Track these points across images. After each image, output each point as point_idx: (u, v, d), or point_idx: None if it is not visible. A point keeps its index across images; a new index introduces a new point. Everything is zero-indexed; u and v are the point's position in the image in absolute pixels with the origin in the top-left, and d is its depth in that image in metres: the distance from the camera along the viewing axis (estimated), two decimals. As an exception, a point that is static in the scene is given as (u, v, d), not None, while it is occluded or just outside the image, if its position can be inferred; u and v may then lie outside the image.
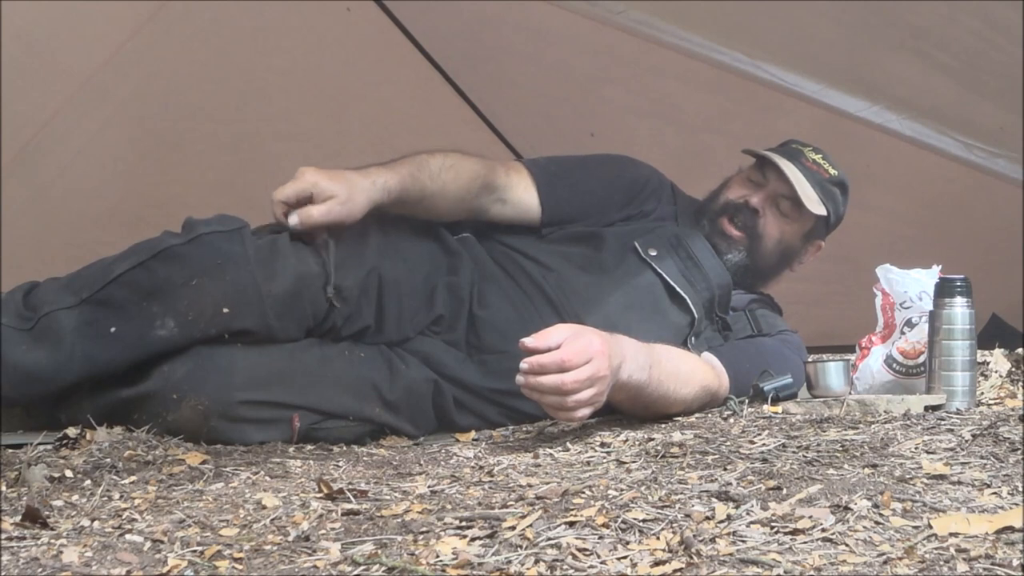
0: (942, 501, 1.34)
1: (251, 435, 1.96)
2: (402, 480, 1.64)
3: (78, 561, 1.25)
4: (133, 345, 1.93)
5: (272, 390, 1.98)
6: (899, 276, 2.24)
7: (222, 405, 1.93)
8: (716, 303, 2.35)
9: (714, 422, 1.96)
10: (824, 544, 1.22)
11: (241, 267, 1.97)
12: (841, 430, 1.80)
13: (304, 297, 2.02)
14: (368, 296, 2.10)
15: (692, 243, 2.37)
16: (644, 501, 1.40)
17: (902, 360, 2.18)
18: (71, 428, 1.86)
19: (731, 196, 2.47)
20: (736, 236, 2.43)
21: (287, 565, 1.24)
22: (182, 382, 1.93)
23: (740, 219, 2.43)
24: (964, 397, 2.03)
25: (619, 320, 2.18)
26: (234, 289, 1.96)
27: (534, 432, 2.03)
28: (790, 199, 2.43)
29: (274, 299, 1.99)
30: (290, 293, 2.01)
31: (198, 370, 1.94)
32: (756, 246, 2.44)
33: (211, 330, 1.95)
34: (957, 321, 2.05)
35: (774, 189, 2.44)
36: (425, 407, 2.12)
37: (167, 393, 1.93)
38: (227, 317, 1.95)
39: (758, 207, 2.43)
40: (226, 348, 1.98)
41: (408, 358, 2.13)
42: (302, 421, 1.98)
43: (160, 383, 1.94)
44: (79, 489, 1.57)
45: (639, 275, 2.31)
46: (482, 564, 1.20)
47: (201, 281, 1.95)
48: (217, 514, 1.45)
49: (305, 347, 2.05)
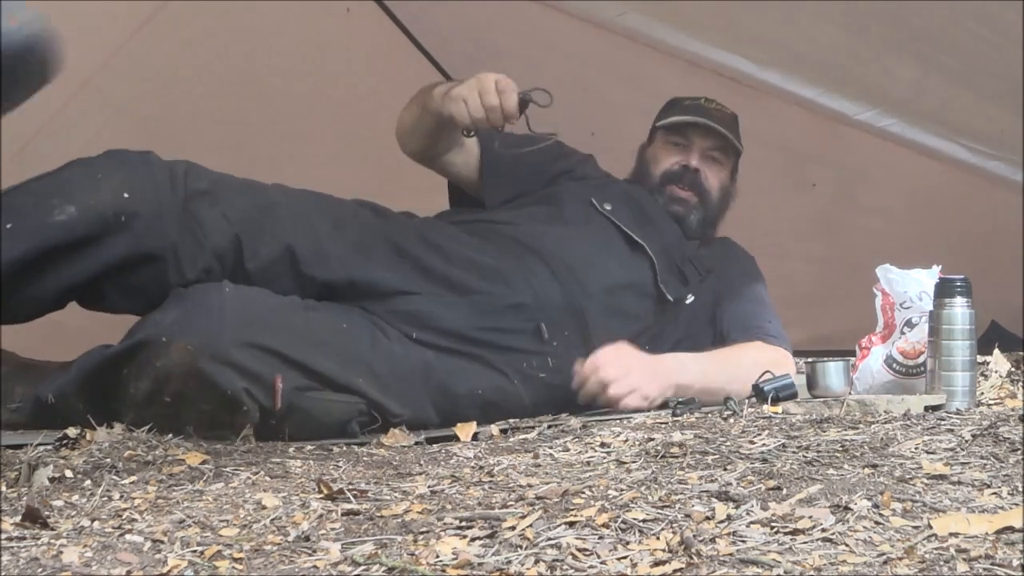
0: (942, 501, 1.34)
1: (237, 382, 1.94)
2: (402, 480, 1.64)
3: (78, 561, 1.25)
4: (30, 235, 1.94)
5: (262, 334, 1.98)
6: (899, 276, 2.24)
7: (212, 345, 1.93)
8: (673, 252, 2.50)
9: (714, 422, 1.96)
10: (824, 544, 1.21)
11: (146, 163, 2.07)
12: (841, 430, 1.80)
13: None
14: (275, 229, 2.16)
15: (641, 198, 2.58)
16: (644, 501, 1.40)
17: (902, 360, 2.18)
18: (71, 428, 1.86)
19: (666, 166, 2.65)
20: (688, 196, 2.63)
21: (287, 565, 1.24)
22: (172, 325, 1.95)
23: (686, 181, 2.63)
24: (964, 397, 2.03)
25: (586, 268, 2.37)
26: (135, 175, 2.03)
27: (534, 432, 2.03)
28: (717, 148, 2.66)
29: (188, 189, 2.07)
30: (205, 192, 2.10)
31: (188, 313, 1.97)
32: (707, 200, 2.65)
33: (109, 212, 1.98)
34: (957, 321, 2.05)
35: (701, 145, 2.65)
36: (414, 384, 2.15)
37: (156, 337, 1.94)
38: (126, 201, 1.99)
39: (697, 165, 2.64)
40: (217, 292, 2.01)
41: (392, 332, 2.15)
42: (285, 384, 1.97)
43: (150, 329, 1.97)
44: (79, 489, 1.57)
45: (599, 227, 2.49)
46: (482, 564, 1.20)
47: (104, 175, 2.01)
48: (217, 514, 1.45)
49: (292, 305, 2.08)
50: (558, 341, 2.31)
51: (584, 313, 2.33)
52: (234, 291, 2.03)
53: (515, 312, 2.29)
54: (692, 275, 2.53)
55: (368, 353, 2.11)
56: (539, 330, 2.29)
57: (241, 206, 2.15)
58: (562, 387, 2.27)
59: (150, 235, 2.04)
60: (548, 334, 2.29)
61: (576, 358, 2.28)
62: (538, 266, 2.34)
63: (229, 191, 2.16)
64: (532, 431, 2.04)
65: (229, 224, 2.12)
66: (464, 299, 2.25)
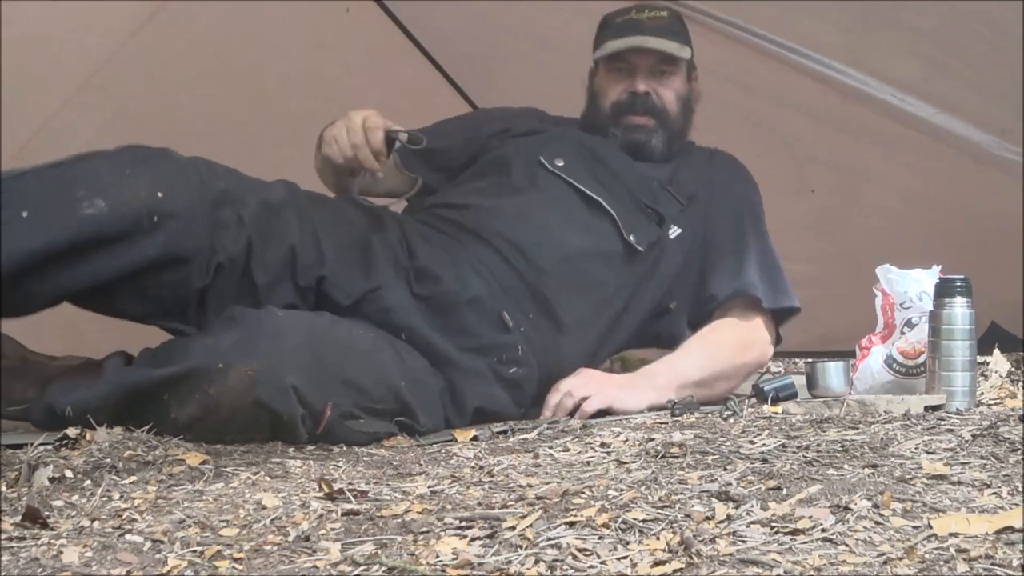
0: (942, 501, 1.34)
1: (295, 408, 1.87)
2: (402, 480, 1.64)
3: (78, 561, 1.25)
4: (55, 226, 1.83)
5: (321, 356, 1.92)
6: (899, 276, 2.25)
7: (274, 371, 1.85)
8: (640, 193, 2.39)
9: (714, 422, 1.96)
10: (824, 544, 1.22)
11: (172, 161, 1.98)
12: (841, 430, 1.80)
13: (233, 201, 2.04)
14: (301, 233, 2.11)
15: (597, 146, 2.45)
16: (644, 501, 1.40)
17: (902, 360, 2.18)
18: (71, 428, 1.86)
19: (614, 97, 2.53)
20: (644, 122, 2.51)
21: (287, 565, 1.24)
22: (230, 350, 1.86)
23: (638, 107, 2.50)
24: (964, 397, 2.03)
25: (542, 235, 2.27)
26: (166, 174, 1.94)
27: (534, 432, 2.03)
28: (663, 61, 2.52)
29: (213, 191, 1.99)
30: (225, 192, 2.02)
31: (247, 337, 1.88)
32: (666, 119, 2.52)
33: (143, 211, 1.88)
34: (957, 321, 2.05)
35: (645, 64, 2.51)
36: (433, 394, 2.12)
37: (212, 364, 1.85)
38: (160, 201, 1.90)
39: (646, 88, 2.51)
40: (269, 315, 1.94)
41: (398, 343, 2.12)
42: (333, 411, 1.91)
43: (203, 355, 1.87)
44: (79, 489, 1.57)
45: (551, 188, 2.37)
46: (482, 564, 1.20)
47: (133, 171, 1.91)
48: (217, 514, 1.45)
49: (334, 323, 2.02)
50: (524, 326, 2.24)
51: (543, 289, 2.25)
52: (287, 315, 1.98)
53: (471, 307, 2.21)
54: (670, 206, 2.42)
55: (397, 366, 2.07)
56: (502, 319, 2.22)
57: (253, 206, 2.09)
58: (539, 369, 2.24)
59: (183, 237, 1.95)
60: (512, 321, 2.22)
61: (547, 337, 2.25)
62: (486, 252, 2.25)
63: (240, 189, 2.09)
64: (532, 431, 2.04)
65: (243, 227, 2.06)
66: (424, 302, 2.19)
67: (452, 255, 2.24)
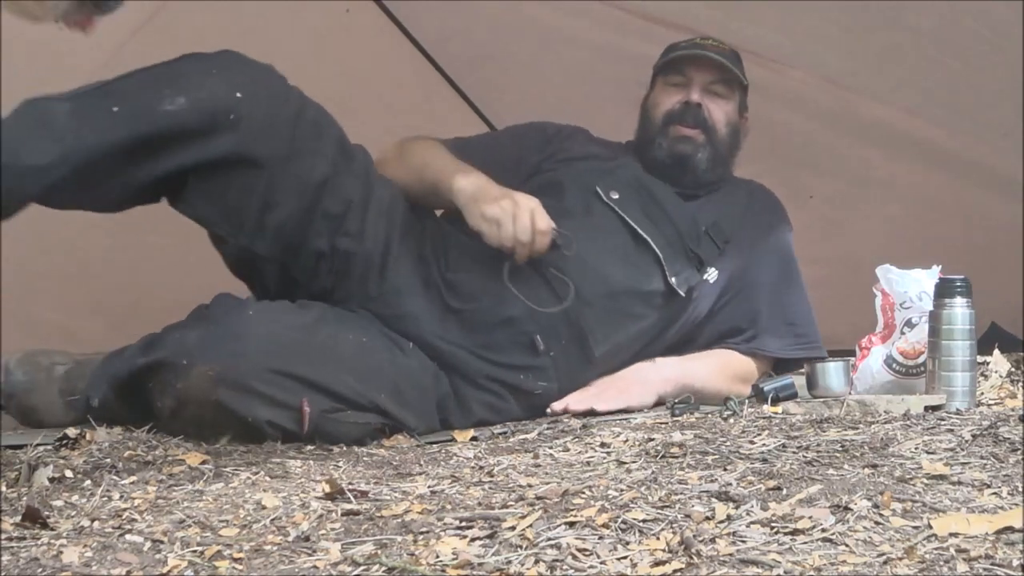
0: (942, 501, 1.34)
1: (258, 411, 1.88)
2: (402, 480, 1.64)
3: (78, 561, 1.25)
4: (135, 118, 1.89)
5: (286, 360, 1.92)
6: (899, 276, 2.24)
7: (233, 373, 1.87)
8: (684, 239, 2.39)
9: (714, 422, 1.97)
10: (824, 544, 1.22)
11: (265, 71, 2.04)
12: (841, 430, 1.80)
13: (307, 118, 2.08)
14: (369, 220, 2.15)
15: (652, 185, 2.44)
16: (644, 501, 1.40)
17: (902, 360, 2.18)
18: (71, 428, 1.86)
19: (667, 107, 2.53)
20: (694, 134, 2.49)
21: (287, 565, 1.24)
22: (193, 348, 1.89)
23: (689, 118, 2.50)
24: (964, 397, 2.03)
25: (588, 266, 2.27)
26: (251, 78, 2.00)
27: (534, 432, 2.03)
28: (719, 81, 2.54)
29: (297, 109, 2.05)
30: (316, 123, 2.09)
31: (210, 336, 1.91)
32: (713, 136, 2.51)
33: (220, 108, 1.94)
34: (957, 321, 2.05)
35: (701, 79, 2.52)
36: (428, 399, 2.13)
37: (178, 359, 1.89)
38: (238, 101, 1.95)
39: (699, 100, 2.51)
40: (239, 314, 1.96)
41: (405, 344, 2.13)
42: (312, 407, 1.92)
43: (173, 348, 1.91)
44: (79, 489, 1.57)
45: (603, 219, 2.37)
46: (482, 564, 1.20)
47: (219, 71, 1.97)
48: (217, 514, 1.45)
49: (315, 321, 2.03)
50: (555, 351, 2.25)
51: (580, 320, 2.26)
52: (258, 313, 1.98)
53: (504, 327, 2.22)
54: (710, 251, 2.42)
55: (389, 369, 2.07)
56: (534, 343, 2.23)
57: (333, 145, 2.12)
58: (560, 394, 2.25)
59: (255, 140, 1.98)
60: (543, 345, 2.23)
61: (575, 364, 2.26)
62: (530, 274, 2.24)
63: (331, 128, 2.15)
64: (532, 431, 2.04)
65: (326, 161, 2.09)
66: (455, 316, 2.21)
67: (492, 271, 2.22)
